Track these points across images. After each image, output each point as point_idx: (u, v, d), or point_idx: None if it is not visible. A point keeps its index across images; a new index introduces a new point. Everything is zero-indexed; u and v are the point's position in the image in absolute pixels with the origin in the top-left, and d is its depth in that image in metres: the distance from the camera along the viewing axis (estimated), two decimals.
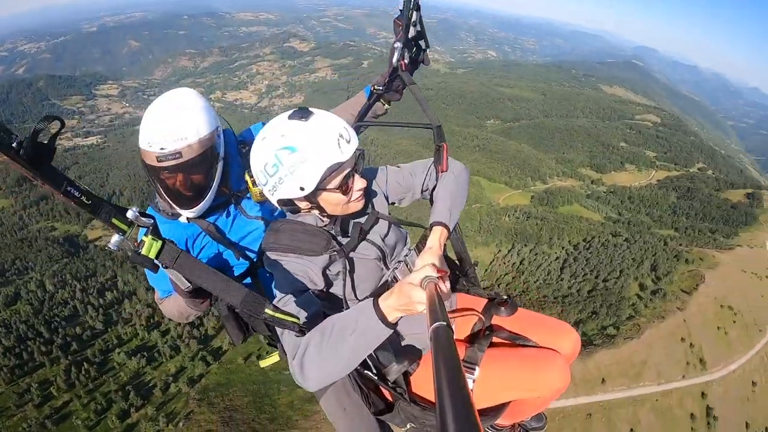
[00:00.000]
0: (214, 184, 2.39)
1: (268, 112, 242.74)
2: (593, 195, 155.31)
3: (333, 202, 2.02)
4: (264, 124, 2.51)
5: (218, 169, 2.41)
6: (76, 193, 1.45)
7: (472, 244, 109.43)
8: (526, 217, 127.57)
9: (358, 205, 2.12)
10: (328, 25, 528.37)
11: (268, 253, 2.09)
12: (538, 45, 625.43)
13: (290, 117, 1.92)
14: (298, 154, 1.84)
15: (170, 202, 2.39)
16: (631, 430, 67.89)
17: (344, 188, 1.98)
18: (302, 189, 1.91)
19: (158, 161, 2.18)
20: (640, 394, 71.51)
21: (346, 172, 1.96)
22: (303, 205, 2.04)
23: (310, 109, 1.95)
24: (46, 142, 1.36)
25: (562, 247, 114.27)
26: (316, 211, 2.09)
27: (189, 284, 2.06)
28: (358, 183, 2.04)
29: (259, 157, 1.94)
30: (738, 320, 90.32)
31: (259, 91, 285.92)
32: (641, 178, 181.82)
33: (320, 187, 1.93)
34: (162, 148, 2.14)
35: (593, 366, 70.58)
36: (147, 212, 1.78)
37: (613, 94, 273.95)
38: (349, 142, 1.93)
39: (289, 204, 2.04)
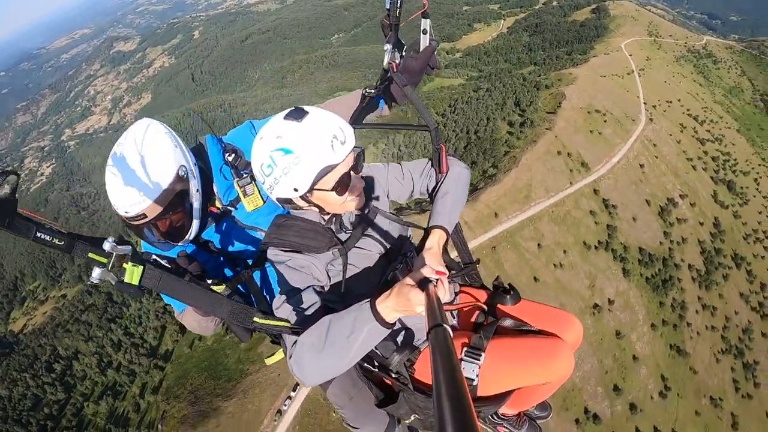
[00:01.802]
0: (194, 216, 2.34)
1: (123, 126, 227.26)
2: (451, 64, 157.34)
3: (329, 201, 2.00)
4: (252, 123, 2.70)
5: (195, 203, 2.34)
6: (48, 237, 1.44)
7: None
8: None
9: (355, 205, 2.11)
10: (146, 13, 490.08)
11: (271, 250, 2.08)
12: None
13: (285, 117, 1.90)
14: (291, 156, 1.83)
15: (157, 243, 2.36)
16: (538, 244, 71.40)
17: (339, 188, 1.95)
18: (296, 190, 1.90)
19: (128, 221, 2.17)
20: (535, 213, 75.35)
21: (341, 172, 1.93)
22: (301, 203, 2.02)
23: (306, 108, 1.92)
24: (7, 196, 1.35)
25: None
26: (315, 209, 2.07)
27: None
28: (356, 183, 2.02)
29: (256, 157, 1.94)
30: (609, 119, 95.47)
31: (106, 109, 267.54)
32: (492, 31, 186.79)
33: (314, 188, 1.91)
34: (126, 212, 2.11)
35: (482, 206, 73.01)
36: (124, 239, 1.79)
37: None
38: (343, 143, 1.89)
39: (288, 202, 2.03)
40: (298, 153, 1.82)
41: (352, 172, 1.97)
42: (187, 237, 2.33)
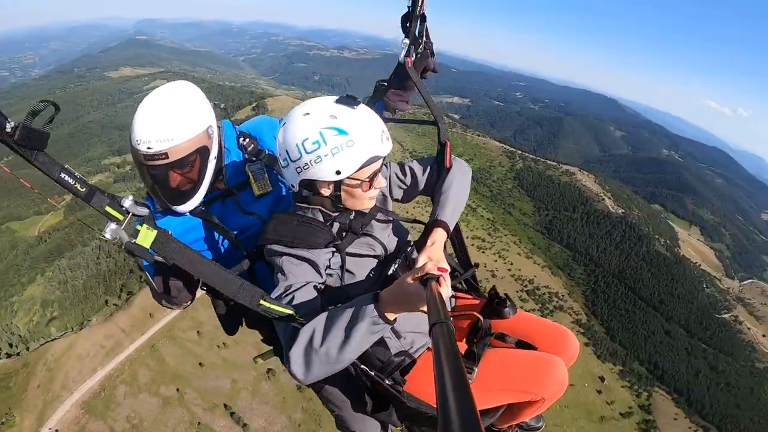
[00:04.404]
0: (204, 181, 2.34)
1: None
2: (121, 178, 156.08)
3: (355, 194, 2.02)
4: (266, 117, 2.83)
5: (210, 167, 2.34)
6: (70, 180, 1.42)
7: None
8: (56, 231, 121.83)
9: (371, 203, 2.14)
10: None
11: (270, 245, 2.04)
12: (37, 56, 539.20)
13: (337, 101, 1.90)
14: (345, 137, 1.80)
15: (160, 198, 2.34)
16: (198, 331, 75.54)
17: (369, 183, 1.98)
18: (339, 173, 1.87)
19: (146, 160, 2.11)
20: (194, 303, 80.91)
21: (378, 167, 1.97)
22: (324, 191, 2.01)
23: (357, 98, 1.93)
24: (40, 128, 1.34)
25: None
26: (328, 202, 2.07)
27: (163, 287, 2.21)
28: (381, 182, 2.07)
29: (300, 131, 1.86)
30: None
31: None
32: None
33: (354, 176, 1.91)
34: (149, 148, 2.05)
35: (137, 310, 77.34)
36: (144, 201, 1.77)
37: (122, 76, 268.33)
38: (388, 139, 1.95)
39: (310, 187, 2.01)
40: (354, 136, 1.79)
41: (379, 172, 2.00)
42: (189, 204, 2.31)
